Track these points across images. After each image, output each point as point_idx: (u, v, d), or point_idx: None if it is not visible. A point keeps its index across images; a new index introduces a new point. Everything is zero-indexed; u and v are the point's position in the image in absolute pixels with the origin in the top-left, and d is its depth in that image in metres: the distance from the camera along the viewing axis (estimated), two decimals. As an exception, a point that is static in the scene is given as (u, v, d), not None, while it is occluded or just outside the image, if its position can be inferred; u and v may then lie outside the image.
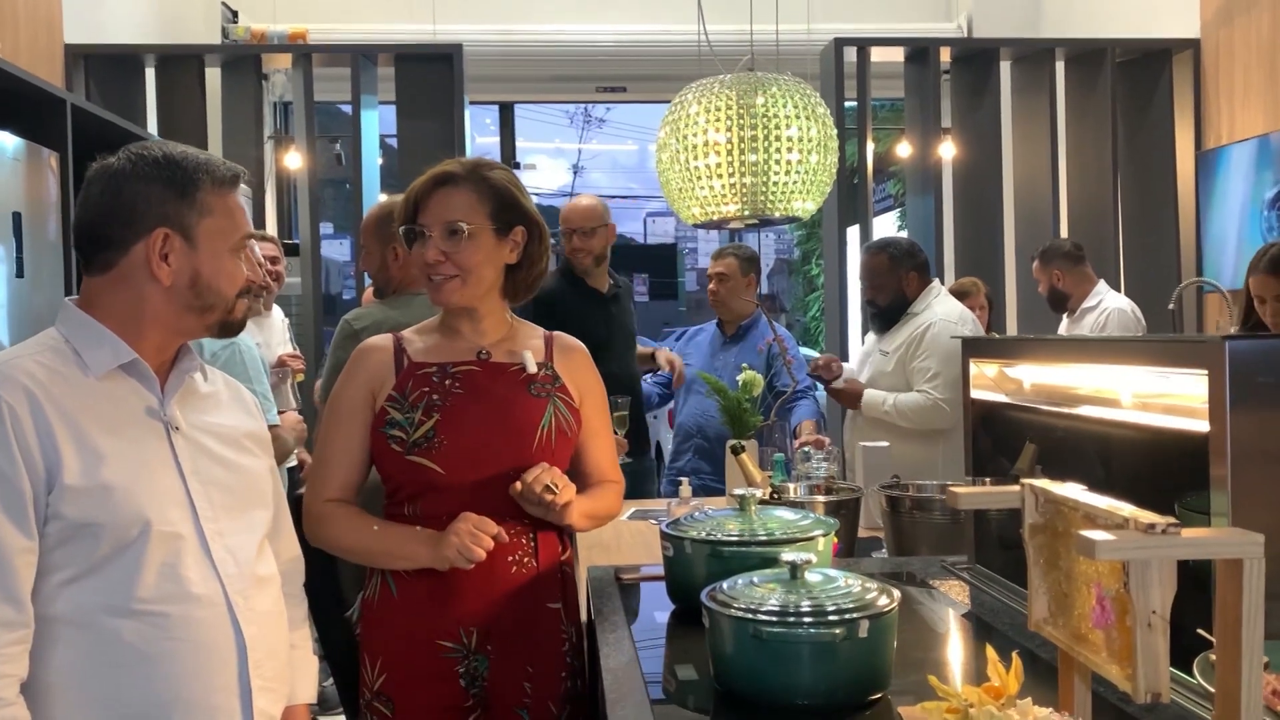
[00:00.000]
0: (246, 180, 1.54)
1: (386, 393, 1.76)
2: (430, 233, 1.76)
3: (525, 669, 1.74)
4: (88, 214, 1.41)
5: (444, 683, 1.72)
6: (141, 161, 1.40)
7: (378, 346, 1.83)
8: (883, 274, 3.45)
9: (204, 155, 1.44)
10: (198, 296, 1.42)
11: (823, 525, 1.68)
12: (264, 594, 1.46)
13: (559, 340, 1.91)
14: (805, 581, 1.33)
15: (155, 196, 1.39)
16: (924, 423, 3.29)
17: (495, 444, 1.73)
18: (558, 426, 1.78)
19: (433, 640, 1.72)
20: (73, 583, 1.30)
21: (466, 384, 1.77)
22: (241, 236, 1.46)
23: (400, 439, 1.72)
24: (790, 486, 2.39)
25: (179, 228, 1.40)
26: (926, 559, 2.10)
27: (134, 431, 1.37)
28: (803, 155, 2.74)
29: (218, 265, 1.43)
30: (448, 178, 1.78)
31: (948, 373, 3.29)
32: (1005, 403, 1.97)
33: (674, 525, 1.71)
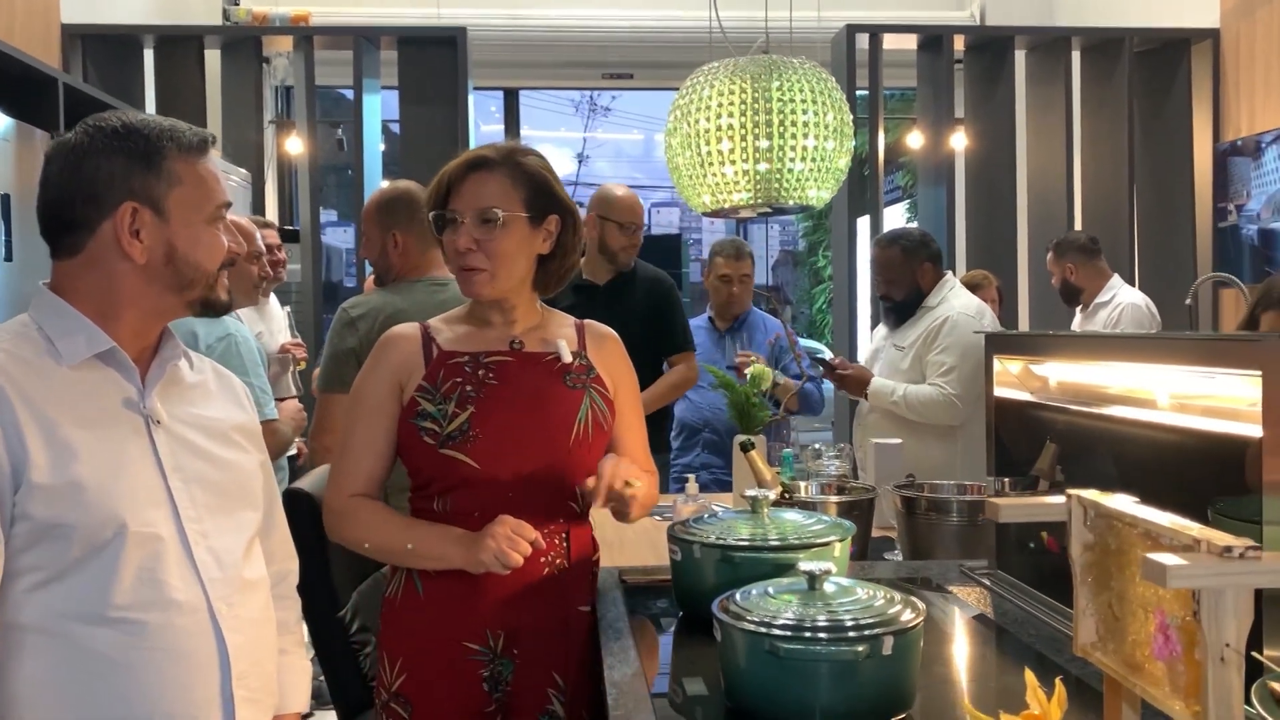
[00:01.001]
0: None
1: (416, 383, 1.68)
2: (462, 219, 1.68)
3: (551, 675, 1.68)
4: (48, 195, 1.32)
5: (466, 686, 1.65)
6: (99, 134, 1.31)
7: (404, 335, 1.74)
8: (896, 267, 3.36)
9: (168, 121, 1.35)
10: (176, 273, 1.33)
11: (839, 530, 1.60)
12: (251, 599, 1.37)
13: (591, 329, 1.84)
14: (824, 593, 1.24)
15: (118, 169, 1.30)
16: (932, 417, 3.22)
17: (531, 437, 1.66)
18: (594, 419, 1.71)
19: (458, 641, 1.65)
20: (42, 588, 1.22)
21: (500, 374, 1.69)
22: (217, 205, 1.37)
23: (433, 431, 1.64)
24: (801, 485, 2.30)
25: (147, 200, 1.31)
26: (944, 563, 2.02)
27: (110, 425, 1.29)
28: (818, 142, 2.65)
29: (194, 237, 1.34)
30: (481, 162, 1.69)
31: (963, 368, 3.21)
32: (1029, 401, 1.89)
33: (682, 527, 1.63)
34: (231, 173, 4.92)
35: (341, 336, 2.82)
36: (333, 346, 2.84)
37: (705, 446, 3.75)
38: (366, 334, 2.78)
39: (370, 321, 2.80)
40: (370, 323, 2.80)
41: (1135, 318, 4.08)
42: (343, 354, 2.67)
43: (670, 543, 1.62)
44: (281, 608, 1.54)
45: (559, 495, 1.72)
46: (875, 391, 3.32)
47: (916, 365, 3.32)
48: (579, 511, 1.76)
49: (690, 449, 3.78)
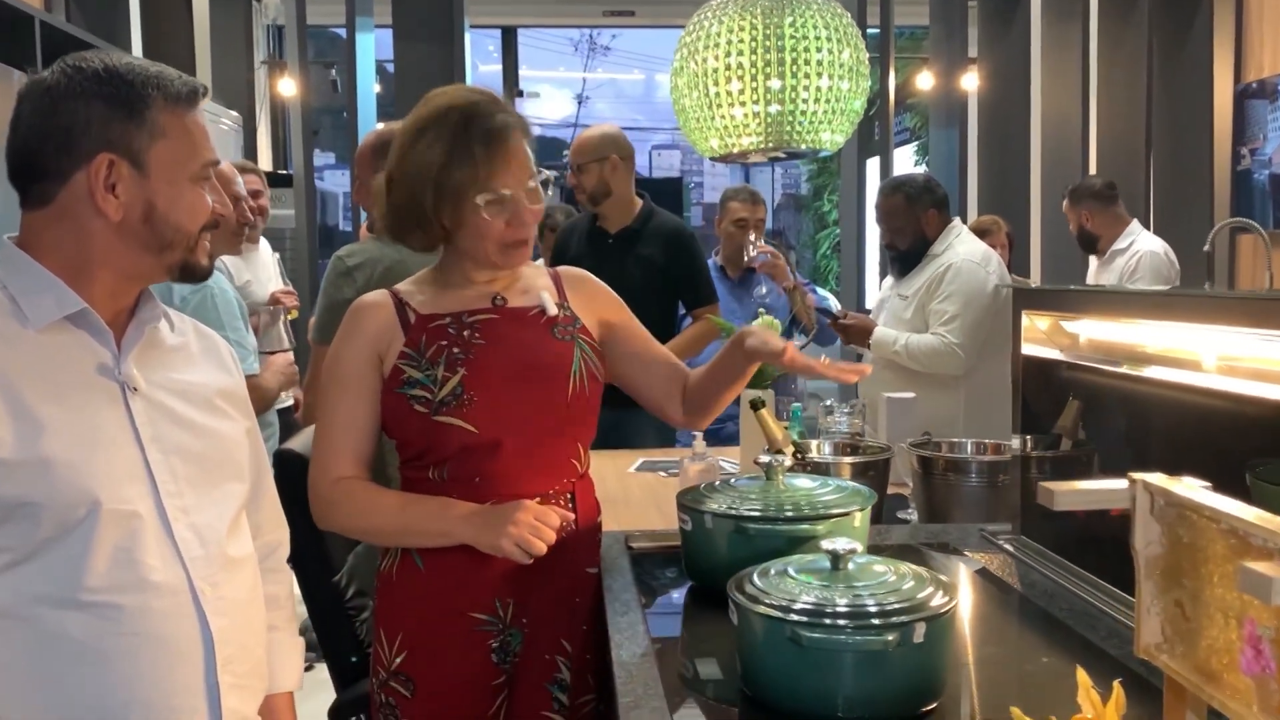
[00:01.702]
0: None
1: (397, 351, 1.58)
2: (518, 194, 1.56)
3: (559, 642, 1.61)
4: (18, 138, 1.20)
5: (474, 659, 1.57)
6: (79, 75, 1.19)
7: (375, 303, 1.63)
8: (900, 215, 3.26)
9: (155, 68, 1.23)
10: (153, 233, 1.22)
11: (859, 498, 1.51)
12: (236, 578, 1.28)
13: (566, 275, 1.75)
14: (847, 573, 1.15)
15: (97, 116, 1.18)
16: (934, 367, 3.14)
17: (528, 395, 1.58)
18: (588, 371, 1.63)
19: (464, 613, 1.57)
20: (9, 570, 1.12)
21: (486, 333, 1.60)
22: (203, 163, 1.26)
23: (424, 399, 1.54)
24: (813, 444, 2.21)
25: (126, 153, 1.19)
26: (963, 527, 1.93)
27: (82, 394, 1.19)
28: (833, 82, 2.52)
29: (175, 196, 1.23)
30: (510, 127, 1.57)
31: (967, 316, 3.13)
32: (1054, 358, 1.79)
33: (692, 496, 1.54)
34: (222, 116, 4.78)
35: (337, 286, 2.71)
36: (328, 297, 2.73)
37: None
38: (365, 284, 2.67)
39: (368, 272, 2.69)
40: (368, 273, 2.69)
41: (1154, 265, 3.97)
42: (338, 305, 2.56)
43: (680, 511, 1.53)
44: (271, 582, 1.45)
45: (561, 453, 1.64)
46: (877, 341, 3.24)
47: (920, 314, 3.23)
48: (581, 470, 1.69)
49: None
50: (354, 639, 2.06)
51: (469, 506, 1.54)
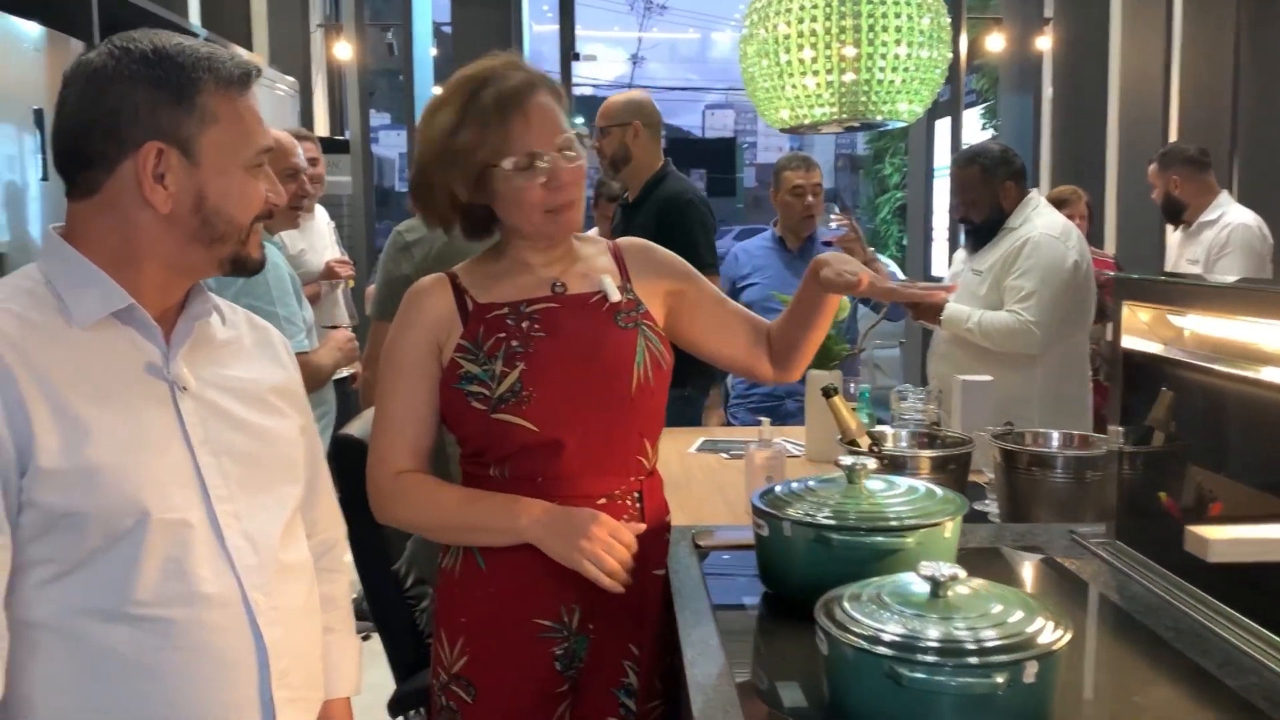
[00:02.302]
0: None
1: (455, 342, 1.51)
2: (550, 154, 1.48)
3: (628, 647, 1.55)
4: (64, 123, 1.13)
5: (537, 666, 1.51)
6: (126, 57, 1.11)
7: (433, 289, 1.56)
8: (975, 187, 3.13)
9: (206, 49, 1.16)
10: (204, 224, 1.15)
11: (950, 506, 1.41)
12: (291, 586, 1.22)
13: (628, 250, 1.66)
14: (948, 602, 1.06)
15: (144, 102, 1.11)
16: (1008, 346, 3.01)
17: (590, 390, 1.50)
18: (652, 360, 1.55)
19: (528, 619, 1.50)
20: (55, 582, 1.07)
21: (546, 324, 1.51)
22: (257, 150, 1.18)
23: (482, 395, 1.47)
24: (888, 433, 2.11)
25: (175, 141, 1.12)
26: (1050, 528, 1.82)
27: (129, 395, 1.13)
28: (911, 50, 2.39)
29: (227, 185, 1.16)
30: (533, 84, 1.49)
31: (1044, 293, 3.00)
32: (1155, 353, 1.67)
33: (769, 499, 1.45)
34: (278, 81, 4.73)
35: (396, 262, 2.65)
36: (386, 272, 2.68)
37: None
38: (422, 260, 2.61)
39: (426, 247, 2.63)
40: (426, 248, 2.63)
41: (1245, 239, 3.78)
42: (397, 280, 2.51)
43: (756, 516, 1.45)
44: (327, 581, 1.39)
45: (627, 450, 1.56)
46: (949, 318, 3.12)
47: (995, 291, 3.10)
48: (649, 467, 1.61)
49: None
50: (413, 629, 2.02)
51: (538, 506, 1.47)
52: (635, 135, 3.17)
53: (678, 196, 3.19)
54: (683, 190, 3.25)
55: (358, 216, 5.39)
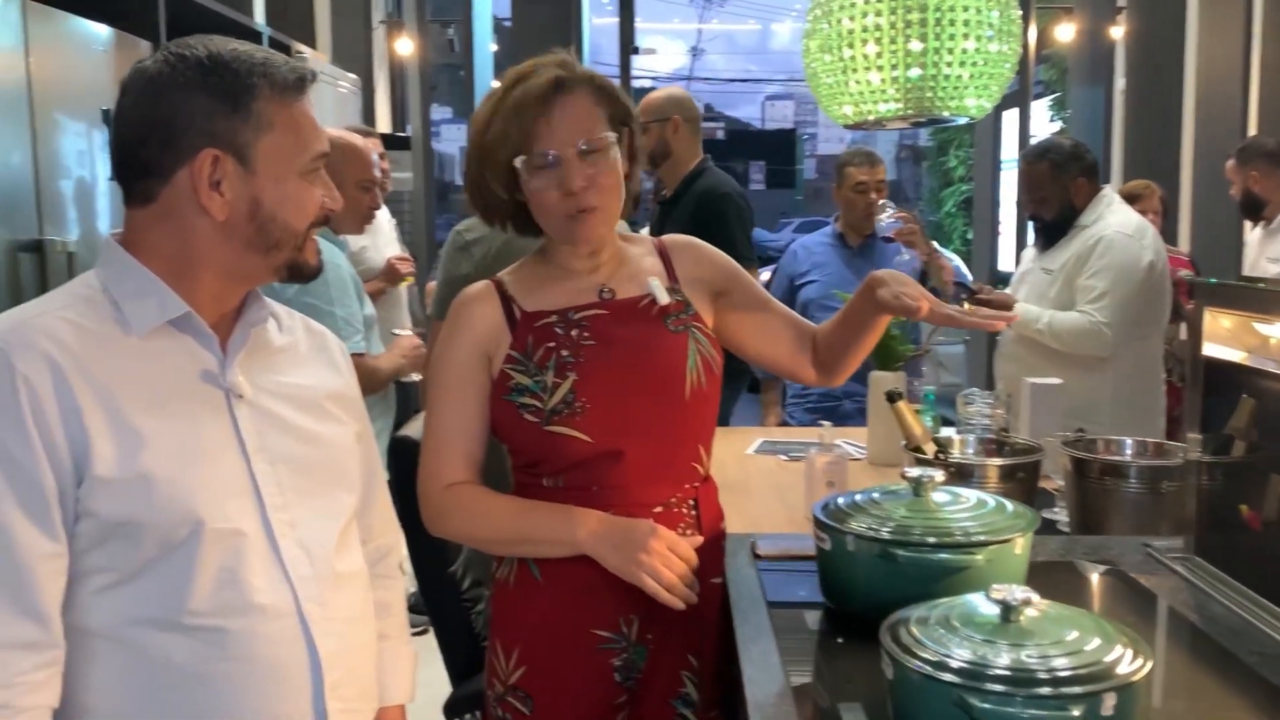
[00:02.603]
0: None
1: (504, 352, 1.49)
2: (562, 155, 1.44)
3: (686, 658, 1.52)
4: (121, 132, 1.14)
5: (596, 677, 1.49)
6: (182, 64, 1.11)
7: (481, 296, 1.54)
8: (1046, 184, 3.05)
9: (261, 54, 1.15)
10: (260, 232, 1.15)
11: (1021, 521, 1.36)
12: (345, 596, 1.21)
13: (673, 247, 1.62)
14: (1021, 628, 1.02)
15: (200, 109, 1.11)
16: (1079, 347, 2.93)
17: (643, 398, 1.47)
18: (704, 364, 1.52)
19: (586, 630, 1.48)
20: (111, 590, 1.08)
21: (596, 331, 1.49)
22: (312, 156, 1.17)
23: (534, 408, 1.45)
24: (954, 440, 2.05)
25: (231, 147, 1.12)
26: (1124, 541, 1.76)
27: (185, 404, 1.12)
28: (980, 44, 2.32)
29: (283, 192, 1.15)
30: (563, 83, 1.45)
31: (1116, 293, 2.91)
32: (1236, 362, 1.60)
33: (831, 510, 1.41)
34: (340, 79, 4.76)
35: (455, 261, 2.65)
36: (446, 272, 2.67)
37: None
38: (482, 259, 2.60)
39: (485, 246, 2.62)
40: (485, 248, 2.62)
41: (1327, 238, 3.63)
42: (456, 280, 2.50)
43: (818, 529, 1.41)
44: (383, 588, 1.39)
45: (682, 457, 1.53)
46: (1019, 319, 3.04)
47: (1066, 290, 3.02)
48: (703, 473, 1.58)
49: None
50: (469, 632, 2.01)
51: (594, 518, 1.44)
52: (675, 130, 3.14)
53: (713, 190, 3.15)
54: (718, 184, 3.21)
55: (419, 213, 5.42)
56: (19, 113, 2.52)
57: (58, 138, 2.67)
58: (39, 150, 2.57)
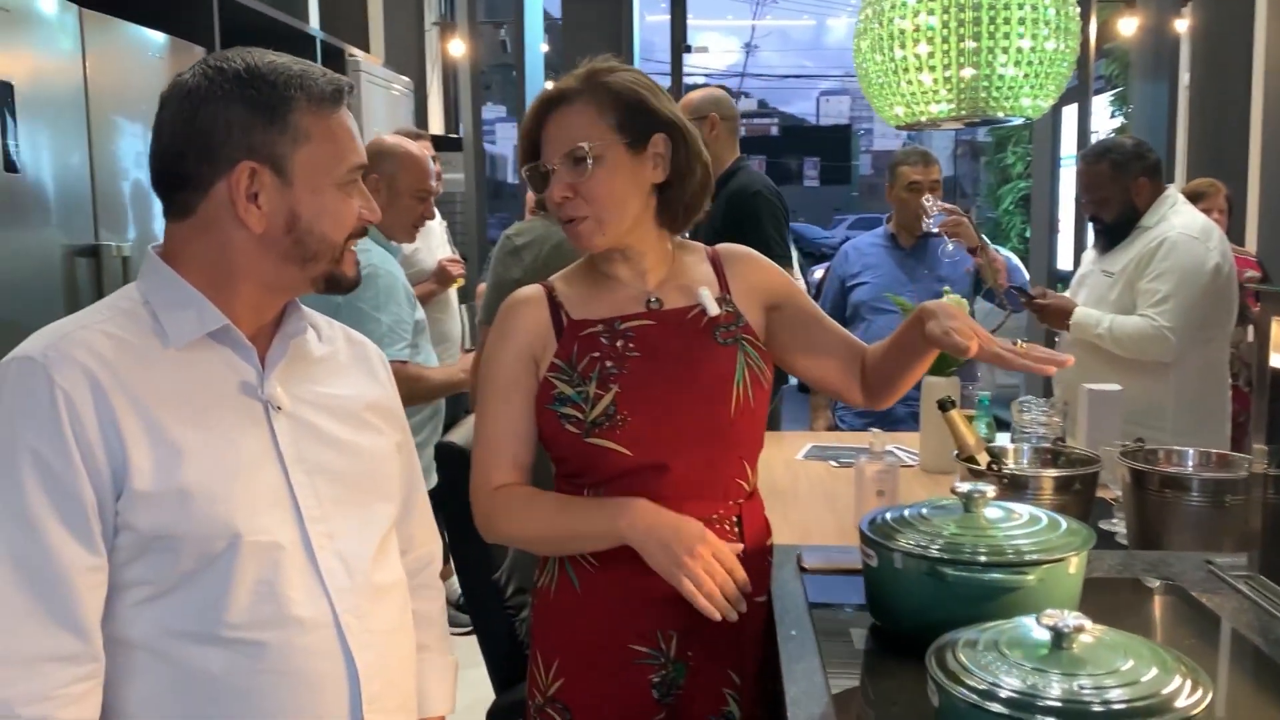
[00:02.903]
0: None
1: (549, 360, 1.47)
2: (553, 166, 1.44)
3: (728, 675, 1.50)
4: (160, 145, 1.14)
5: (634, 692, 1.47)
6: (220, 77, 1.11)
7: (529, 301, 1.52)
8: (1106, 185, 2.97)
9: (299, 65, 1.15)
10: (297, 244, 1.15)
11: (1075, 539, 1.31)
12: (383, 608, 1.21)
13: (727, 257, 1.60)
14: (1072, 655, 0.98)
15: (237, 122, 1.11)
16: (1141, 352, 2.85)
17: (687, 413, 1.45)
18: (752, 378, 1.49)
19: (624, 645, 1.46)
20: (149, 603, 1.08)
21: (641, 343, 1.47)
22: (350, 168, 1.17)
23: (576, 419, 1.44)
24: (1009, 449, 2.00)
25: (268, 160, 1.12)
26: (1184, 557, 1.70)
27: (224, 416, 1.13)
28: (1036, 42, 2.26)
29: (320, 204, 1.15)
30: (559, 97, 1.45)
31: (1180, 297, 2.82)
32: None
33: (879, 528, 1.38)
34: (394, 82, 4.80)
35: (505, 266, 2.65)
36: (495, 276, 2.68)
37: None
38: (532, 263, 2.60)
39: (535, 250, 2.62)
40: (535, 252, 2.62)
41: (1403, 237, 3.50)
42: (506, 285, 2.50)
43: (864, 545, 1.38)
44: (423, 599, 1.38)
45: (726, 474, 1.51)
46: (1078, 323, 2.97)
47: (1127, 294, 2.94)
48: (749, 489, 1.55)
49: None
50: (513, 639, 2.00)
51: (641, 508, 1.41)
52: (712, 129, 3.11)
53: (745, 189, 3.12)
54: (750, 183, 3.17)
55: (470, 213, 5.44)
56: (76, 120, 2.56)
57: (114, 144, 2.71)
58: (95, 156, 2.62)
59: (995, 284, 3.12)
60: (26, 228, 2.37)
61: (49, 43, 2.47)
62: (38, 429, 1.03)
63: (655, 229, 1.53)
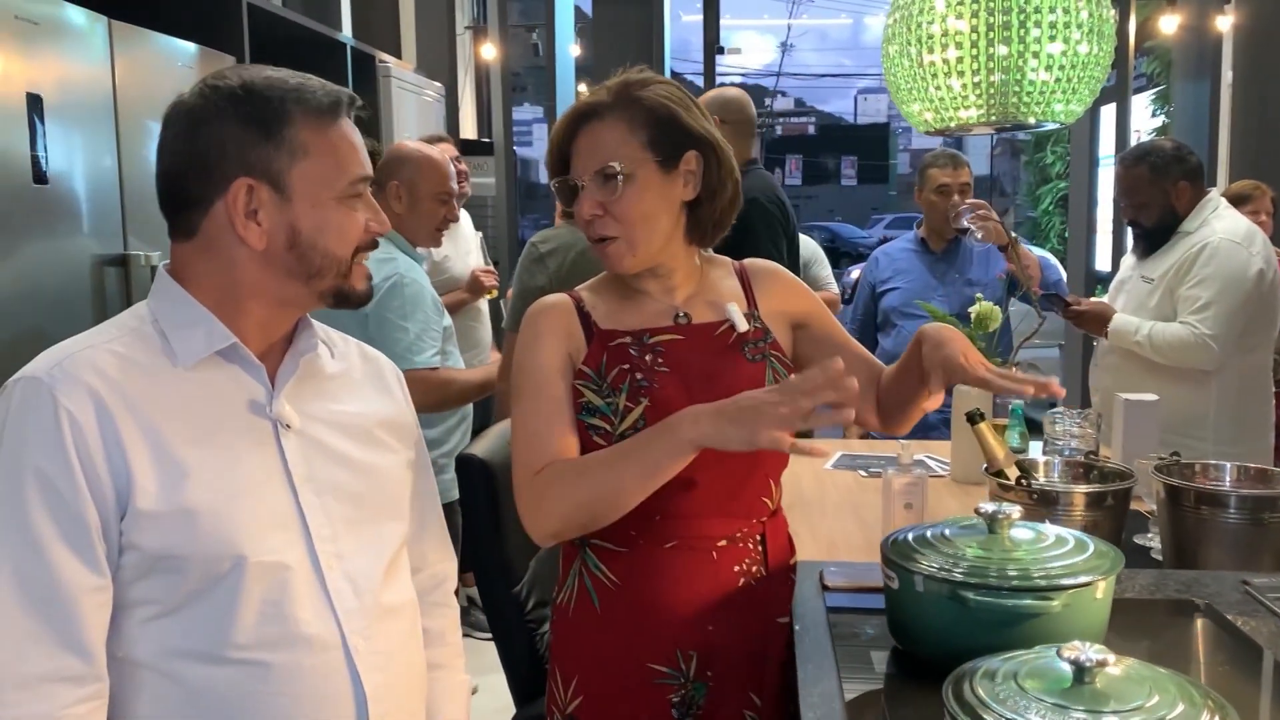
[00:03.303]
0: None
1: (578, 365, 1.45)
2: (582, 183, 1.42)
3: (749, 696, 1.47)
4: (163, 166, 1.14)
5: (653, 712, 1.45)
6: (216, 95, 1.11)
7: (558, 305, 1.50)
8: (1145, 189, 2.91)
9: (295, 80, 1.14)
10: (300, 259, 1.14)
11: (1103, 563, 1.27)
12: (392, 629, 1.20)
13: (754, 273, 1.57)
14: (1095, 690, 0.95)
15: (233, 139, 1.10)
16: (1182, 360, 2.79)
17: None
18: None
19: (643, 664, 1.44)
20: (153, 622, 1.08)
21: (670, 357, 1.44)
22: (351, 180, 1.16)
23: (604, 430, 1.41)
24: (1039, 463, 1.96)
25: (265, 176, 1.11)
26: (1221, 576, 1.65)
27: (231, 435, 1.12)
28: (1068, 46, 2.21)
29: (321, 219, 1.13)
30: (590, 111, 1.42)
31: (1222, 304, 2.76)
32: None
33: (899, 546, 1.34)
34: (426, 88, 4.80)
35: (530, 273, 2.64)
36: (521, 284, 2.67)
37: None
38: (556, 270, 2.59)
39: (560, 258, 2.61)
40: (560, 259, 2.61)
41: None
42: (531, 292, 2.49)
43: (885, 566, 1.34)
44: (436, 616, 1.37)
45: (751, 491, 1.49)
46: (1116, 330, 2.91)
47: (1167, 301, 2.87)
48: (773, 507, 1.52)
49: None
50: (533, 653, 1.99)
51: (691, 415, 1.31)
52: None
53: (757, 184, 3.07)
54: (748, 189, 3.12)
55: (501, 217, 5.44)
56: (105, 130, 2.58)
57: (142, 154, 2.72)
58: (124, 166, 2.63)
59: (1029, 287, 3.07)
60: (56, 237, 2.39)
61: (78, 54, 2.49)
62: (42, 449, 1.03)
63: (684, 245, 1.51)
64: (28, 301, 2.27)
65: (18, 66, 2.26)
